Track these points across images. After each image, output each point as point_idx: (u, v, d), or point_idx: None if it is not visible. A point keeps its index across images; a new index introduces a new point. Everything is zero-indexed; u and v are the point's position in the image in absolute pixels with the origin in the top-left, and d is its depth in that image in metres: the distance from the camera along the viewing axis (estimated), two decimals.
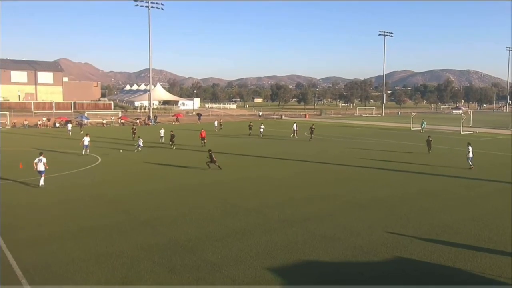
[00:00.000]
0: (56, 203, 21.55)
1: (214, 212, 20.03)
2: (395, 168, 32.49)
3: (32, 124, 73.89)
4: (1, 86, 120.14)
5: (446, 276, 13.24)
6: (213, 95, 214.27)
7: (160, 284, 12.39)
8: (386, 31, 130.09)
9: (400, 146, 48.66)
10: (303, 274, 13.25)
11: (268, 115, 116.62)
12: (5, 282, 12.47)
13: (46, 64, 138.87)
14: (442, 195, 23.93)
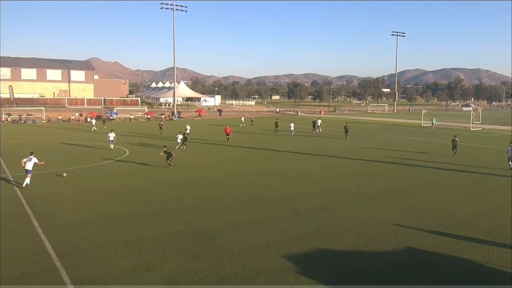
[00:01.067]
0: (86, 192, 21.88)
1: (234, 203, 20.12)
2: (406, 162, 32.11)
3: (65, 119, 75.13)
4: (38, 83, 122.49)
5: (454, 266, 13.07)
6: (233, 92, 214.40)
7: (183, 269, 12.52)
8: (399, 31, 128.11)
9: (411, 142, 48.02)
10: (317, 262, 13.23)
11: (285, 111, 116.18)
12: (41, 265, 12.74)
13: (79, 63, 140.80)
14: (451, 189, 23.56)
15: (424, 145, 44.76)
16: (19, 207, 19.00)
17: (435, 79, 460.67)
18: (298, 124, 69.09)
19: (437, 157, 34.89)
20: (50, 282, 11.59)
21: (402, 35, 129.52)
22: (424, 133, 58.50)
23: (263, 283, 11.62)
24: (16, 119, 71.24)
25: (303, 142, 46.28)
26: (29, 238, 14.95)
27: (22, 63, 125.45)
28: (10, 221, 16.97)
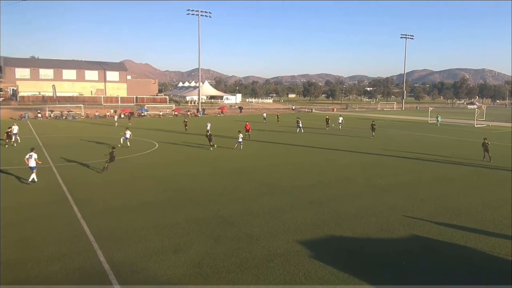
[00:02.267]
0: (119, 181, 22.20)
1: (252, 192, 20.15)
2: (413, 156, 31.60)
3: (101, 115, 76.24)
4: (77, 83, 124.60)
5: (458, 253, 12.85)
6: (252, 91, 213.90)
7: (206, 252, 12.63)
8: (408, 34, 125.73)
9: (418, 137, 47.24)
10: (329, 248, 13.19)
11: (300, 109, 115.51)
12: (80, 246, 13.02)
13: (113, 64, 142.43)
14: (457, 182, 23.12)
15: (430, 140, 43.98)
16: (61, 194, 19.42)
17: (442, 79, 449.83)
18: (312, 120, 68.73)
19: (442, 152, 34.23)
20: (89, 261, 11.84)
21: (410, 37, 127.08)
22: (430, 129, 57.43)
23: (279, 266, 11.65)
24: (58, 115, 72.66)
25: (316, 137, 45.98)
26: (70, 222, 15.27)
27: (63, 65, 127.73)
28: (53, 206, 17.39)
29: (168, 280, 10.74)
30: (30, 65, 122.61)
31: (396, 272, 11.49)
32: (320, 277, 11.03)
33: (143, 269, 11.40)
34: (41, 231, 14.24)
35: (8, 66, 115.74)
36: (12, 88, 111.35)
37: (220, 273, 11.20)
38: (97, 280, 10.70)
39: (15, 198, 18.46)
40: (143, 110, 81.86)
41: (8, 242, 13.26)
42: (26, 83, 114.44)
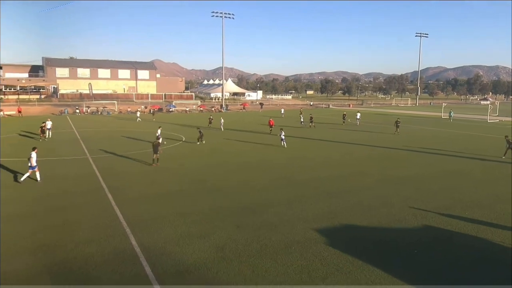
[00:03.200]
0: (149, 171, 22.52)
1: (272, 183, 20.11)
2: (425, 150, 30.89)
3: (133, 111, 77.32)
4: (111, 81, 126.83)
5: (468, 244, 12.55)
6: (272, 88, 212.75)
7: (229, 238, 12.71)
8: (422, 33, 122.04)
9: (431, 132, 46.08)
10: (344, 236, 13.07)
11: (318, 105, 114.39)
12: (114, 231, 13.31)
13: (144, 64, 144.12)
14: (468, 175, 22.50)
15: (442, 135, 42.85)
16: (97, 183, 19.86)
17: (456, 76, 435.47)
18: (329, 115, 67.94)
19: (454, 146, 33.33)
20: (121, 244, 12.09)
21: (425, 36, 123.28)
22: (443, 124, 55.94)
23: (296, 253, 11.63)
24: (94, 111, 74.10)
25: (333, 132, 45.48)
26: (105, 209, 15.61)
27: (98, 65, 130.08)
28: (89, 194, 17.82)
29: (194, 263, 10.87)
30: (69, 65, 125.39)
31: (408, 260, 11.30)
32: (335, 264, 10.96)
33: (170, 252, 11.58)
34: (79, 217, 14.63)
35: (49, 66, 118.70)
36: (53, 86, 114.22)
37: (242, 258, 11.26)
38: (129, 262, 10.93)
39: (55, 186, 19.01)
40: (171, 106, 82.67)
41: (50, 226, 13.69)
42: (66, 82, 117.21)
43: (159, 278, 10.03)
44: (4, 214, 14.76)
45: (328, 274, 10.37)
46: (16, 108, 68.19)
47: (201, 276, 10.20)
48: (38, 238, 12.55)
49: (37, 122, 38.82)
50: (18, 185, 18.96)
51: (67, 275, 10.29)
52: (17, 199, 16.91)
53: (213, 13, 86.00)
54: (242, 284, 9.83)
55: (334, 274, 10.37)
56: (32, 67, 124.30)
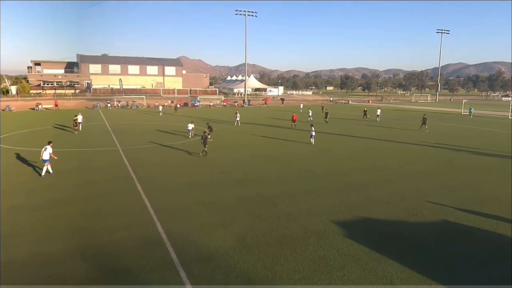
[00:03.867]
0: (176, 163, 22.81)
1: (292, 176, 20.04)
2: (444, 146, 30.07)
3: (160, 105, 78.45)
4: (140, 77, 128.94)
5: (487, 239, 12.19)
6: (293, 84, 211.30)
7: (249, 228, 12.79)
8: (443, 29, 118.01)
9: (450, 128, 44.76)
10: (362, 228, 12.92)
11: (338, 100, 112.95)
12: (142, 219, 13.62)
13: (171, 60, 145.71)
14: (487, 171, 21.77)
15: (461, 131, 41.55)
16: (126, 172, 20.32)
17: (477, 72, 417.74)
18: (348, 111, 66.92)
19: (473, 142, 32.30)
20: (149, 231, 12.37)
21: (446, 32, 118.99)
22: (462, 120, 54.23)
23: (314, 243, 11.61)
24: (124, 105, 75.62)
25: (353, 127, 44.86)
26: (134, 197, 15.97)
27: (128, 61, 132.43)
28: (120, 183, 18.25)
29: (216, 251, 11.01)
30: (101, 61, 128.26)
31: (425, 254, 11.08)
32: (352, 255, 10.88)
33: (195, 240, 11.76)
34: (110, 204, 15.05)
35: (83, 63, 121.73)
36: (86, 81, 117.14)
37: (262, 247, 11.33)
38: (156, 247, 11.18)
39: (89, 176, 19.57)
40: (196, 101, 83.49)
41: (83, 212, 14.15)
42: (98, 77, 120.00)
43: (183, 263, 10.22)
44: (45, 200, 15.38)
45: (345, 265, 10.31)
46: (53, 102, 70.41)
47: (223, 263, 10.33)
48: (75, 223, 13.01)
49: (71, 115, 39.89)
50: (57, 174, 19.58)
51: (100, 257, 10.63)
52: (57, 186, 17.52)
53: (236, 12, 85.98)
54: (262, 272, 9.91)
55: (351, 265, 10.31)
56: (67, 63, 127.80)
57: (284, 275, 9.74)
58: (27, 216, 13.64)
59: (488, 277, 9.81)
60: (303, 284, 9.36)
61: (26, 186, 17.55)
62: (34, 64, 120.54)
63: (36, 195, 16.15)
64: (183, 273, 9.76)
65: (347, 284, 9.38)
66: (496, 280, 9.68)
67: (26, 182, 18.28)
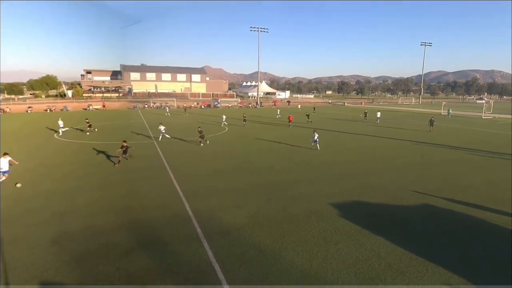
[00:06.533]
0: (201, 154, 22.90)
1: (297, 166, 19.90)
2: (426, 142, 29.48)
3: (188, 106, 78.96)
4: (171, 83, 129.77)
5: (460, 219, 11.98)
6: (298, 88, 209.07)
7: (261, 208, 12.83)
8: (426, 42, 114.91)
9: None
10: (354, 210, 12.82)
11: (335, 103, 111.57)
12: (172, 200, 13.81)
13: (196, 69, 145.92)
14: (464, 163, 21.29)
15: (441, 128, 40.57)
16: (160, 161, 20.55)
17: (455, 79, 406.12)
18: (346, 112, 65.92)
19: (451, 138, 31.57)
20: (179, 210, 12.52)
21: (429, 44, 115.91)
22: (442, 120, 52.91)
23: (315, 221, 11.60)
24: (158, 106, 76.33)
25: (355, 126, 44.30)
26: (166, 182, 16.17)
27: (162, 70, 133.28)
28: (155, 170, 18.49)
29: (233, 226, 11.11)
30: (140, 70, 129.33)
31: (408, 231, 10.98)
32: (346, 232, 10.85)
33: (215, 217, 11.89)
34: (146, 188, 15.28)
35: (125, 71, 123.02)
36: (128, 87, 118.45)
37: (271, 223, 11.38)
38: (184, 223, 11.34)
39: (131, 163, 19.88)
40: (217, 103, 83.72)
41: (122, 194, 14.42)
42: (138, 83, 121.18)
43: (207, 236, 10.36)
44: (95, 184, 15.73)
45: (340, 240, 10.30)
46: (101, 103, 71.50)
47: (239, 236, 10.43)
48: (119, 202, 13.28)
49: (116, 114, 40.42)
50: (104, 162, 19.98)
51: (138, 231, 10.85)
52: (104, 172, 17.88)
53: (251, 28, 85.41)
54: (271, 244, 9.96)
55: (345, 240, 10.29)
56: (112, 72, 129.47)
57: (289, 247, 9.79)
58: (82, 196, 14.00)
59: (462, 251, 9.66)
60: (304, 256, 9.39)
61: (79, 172, 17.96)
62: (86, 72, 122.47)
63: (88, 178, 16.52)
64: (206, 244, 9.89)
65: (341, 256, 9.37)
66: (470, 254, 9.53)
67: (79, 169, 18.69)
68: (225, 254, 9.34)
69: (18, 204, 13.03)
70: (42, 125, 38.07)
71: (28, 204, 13.05)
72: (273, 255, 9.36)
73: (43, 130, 34.40)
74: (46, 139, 29.34)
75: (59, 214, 12.06)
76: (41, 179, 16.47)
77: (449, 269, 8.79)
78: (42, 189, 14.88)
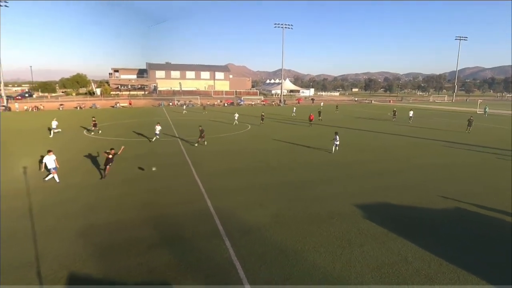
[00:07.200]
0: (221, 152, 23.01)
1: (320, 165, 19.56)
2: (461, 142, 28.04)
3: (211, 104, 79.92)
4: (195, 81, 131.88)
5: (494, 224, 11.29)
6: (323, 86, 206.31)
7: (282, 208, 12.72)
8: (462, 36, 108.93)
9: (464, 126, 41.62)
10: (380, 212, 12.44)
11: (362, 100, 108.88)
12: (196, 196, 13.98)
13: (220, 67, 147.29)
14: (501, 166, 20.04)
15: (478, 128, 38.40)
16: (183, 158, 20.87)
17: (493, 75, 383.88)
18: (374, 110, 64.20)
19: (486, 139, 29.84)
20: (201, 206, 12.65)
21: (464, 39, 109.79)
22: (478, 119, 50.17)
23: (338, 222, 11.36)
24: (182, 104, 77.75)
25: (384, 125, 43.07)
26: (189, 179, 16.41)
27: (186, 68, 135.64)
28: (179, 167, 18.80)
29: (254, 225, 11.10)
30: (165, 68, 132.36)
31: (437, 236, 10.49)
32: (372, 234, 10.54)
33: (237, 215, 11.91)
34: (170, 184, 15.58)
35: (151, 69, 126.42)
36: (153, 85, 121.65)
37: (292, 224, 11.27)
38: (207, 220, 11.46)
39: (155, 160, 20.33)
40: (240, 100, 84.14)
41: (146, 190, 14.77)
42: (163, 81, 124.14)
43: (228, 234, 10.41)
44: (121, 179, 16.25)
45: (365, 242, 10.02)
46: (128, 101, 73.90)
47: (260, 235, 10.40)
48: (143, 198, 13.65)
49: (141, 112, 41.52)
50: (128, 158, 20.58)
51: (161, 226, 11.09)
52: (128, 168, 18.42)
53: (275, 25, 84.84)
54: (293, 244, 9.86)
55: (370, 243, 9.99)
56: (139, 70, 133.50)
57: (311, 248, 9.64)
58: (108, 190, 14.51)
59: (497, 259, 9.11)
60: (327, 257, 9.21)
61: None
62: (114, 71, 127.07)
63: (114, 173, 17.08)
64: (228, 242, 9.94)
65: (366, 259, 9.11)
66: (506, 263, 8.97)
67: None
68: (246, 253, 9.34)
69: (51, 196, 13.72)
70: (72, 122, 39.88)
71: (60, 197, 13.71)
72: (295, 255, 9.26)
73: (73, 126, 36.02)
74: (76, 135, 30.70)
75: (87, 208, 12.56)
76: (72, 173, 17.23)
77: (482, 277, 8.32)
78: (72, 183, 15.57)
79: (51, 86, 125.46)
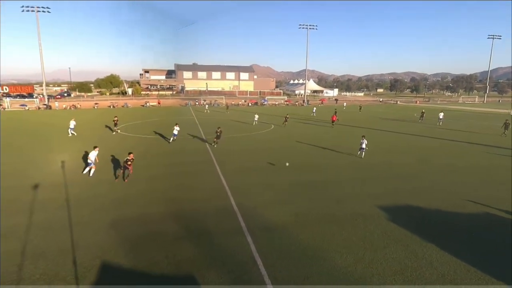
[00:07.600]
0: (246, 150, 23.10)
1: (343, 165, 19.18)
2: (495, 145, 26.51)
3: (236, 104, 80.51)
4: (221, 81, 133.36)
5: None
6: (347, 86, 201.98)
7: (303, 207, 12.60)
8: (495, 35, 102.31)
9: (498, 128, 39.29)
10: (405, 214, 12.04)
11: (387, 101, 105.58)
12: (219, 194, 14.14)
13: (245, 68, 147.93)
14: None
15: None
16: (208, 156, 21.16)
17: None
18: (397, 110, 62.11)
19: None
20: (225, 203, 12.78)
21: (498, 38, 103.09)
22: None
23: (361, 224, 11.11)
24: (208, 103, 78.93)
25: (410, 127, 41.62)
26: (213, 176, 16.63)
27: (212, 69, 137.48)
28: (203, 164, 19.08)
29: (276, 223, 11.08)
30: (192, 69, 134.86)
31: (464, 241, 10.01)
32: (395, 236, 10.22)
33: (259, 213, 11.95)
34: (195, 181, 15.86)
35: (179, 70, 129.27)
36: (181, 85, 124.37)
37: (314, 223, 11.15)
38: (229, 217, 11.58)
39: (181, 157, 20.80)
40: (264, 100, 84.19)
41: (173, 186, 15.12)
42: (190, 82, 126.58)
43: (250, 230, 10.47)
44: (149, 175, 16.76)
45: (389, 244, 9.74)
46: (157, 100, 76.05)
47: (281, 234, 10.38)
48: (169, 193, 14.00)
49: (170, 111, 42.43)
50: (155, 155, 21.16)
51: (186, 221, 11.34)
52: (155, 165, 18.96)
53: (300, 26, 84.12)
54: (314, 244, 9.75)
55: (394, 245, 9.70)
56: (167, 71, 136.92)
57: (333, 249, 9.51)
58: (137, 186, 15.01)
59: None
60: (349, 258, 9.05)
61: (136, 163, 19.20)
62: (144, 71, 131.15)
63: (143, 169, 17.63)
64: (250, 238, 10.00)
65: (389, 261, 8.85)
66: None
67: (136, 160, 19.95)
68: (268, 250, 9.36)
69: (86, 190, 14.39)
70: (106, 120, 41.55)
71: (94, 190, 14.35)
72: (316, 255, 9.16)
73: (107, 124, 37.54)
74: (109, 132, 31.97)
75: (118, 201, 13.07)
76: (105, 168, 17.98)
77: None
78: (105, 178, 16.24)
79: (87, 86, 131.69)
